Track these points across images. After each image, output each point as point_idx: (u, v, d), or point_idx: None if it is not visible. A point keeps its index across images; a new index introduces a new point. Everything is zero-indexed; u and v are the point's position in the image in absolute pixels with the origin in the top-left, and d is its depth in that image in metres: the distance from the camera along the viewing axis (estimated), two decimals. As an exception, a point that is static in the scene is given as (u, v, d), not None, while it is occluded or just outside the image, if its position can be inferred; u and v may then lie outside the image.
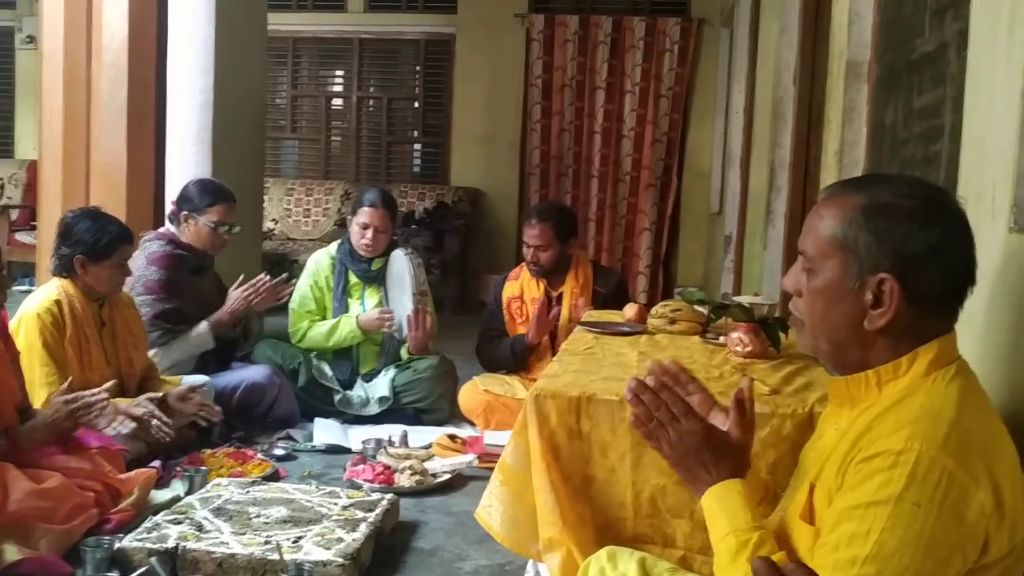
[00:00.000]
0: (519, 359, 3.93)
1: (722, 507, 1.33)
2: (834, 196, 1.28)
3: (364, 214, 4.04)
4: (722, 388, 2.18)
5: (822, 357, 1.34)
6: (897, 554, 1.08)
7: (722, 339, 2.71)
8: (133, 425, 2.99)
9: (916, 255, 1.19)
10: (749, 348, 2.53)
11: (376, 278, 4.12)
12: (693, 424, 1.38)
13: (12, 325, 2.95)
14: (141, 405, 3.07)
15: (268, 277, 3.91)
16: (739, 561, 1.26)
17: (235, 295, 3.84)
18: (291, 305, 4.13)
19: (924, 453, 1.11)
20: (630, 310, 3.17)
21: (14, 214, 7.24)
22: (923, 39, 2.34)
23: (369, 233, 4.03)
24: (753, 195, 5.33)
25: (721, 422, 1.45)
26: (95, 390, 2.73)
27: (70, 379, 2.77)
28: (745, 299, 2.84)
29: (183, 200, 3.84)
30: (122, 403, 3.07)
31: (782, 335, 2.58)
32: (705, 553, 2.01)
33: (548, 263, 3.91)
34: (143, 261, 3.62)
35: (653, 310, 3.03)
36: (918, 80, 2.36)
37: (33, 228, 6.60)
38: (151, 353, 3.56)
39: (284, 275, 4.07)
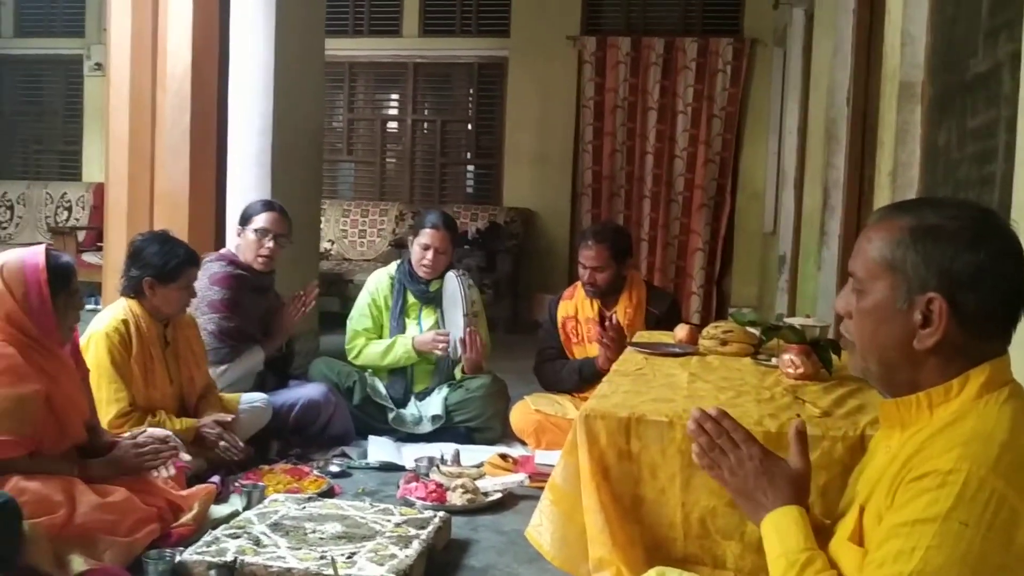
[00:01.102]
0: (587, 383, 3.82)
1: (776, 530, 1.34)
2: (883, 219, 1.30)
3: (426, 235, 4.11)
4: (773, 410, 2.19)
5: (872, 379, 1.34)
6: (942, 572, 1.08)
7: (774, 361, 2.70)
8: (188, 459, 3.07)
9: (963, 275, 1.19)
10: (801, 370, 2.52)
11: (434, 299, 4.18)
12: (753, 450, 1.40)
13: (82, 343, 3.05)
14: (209, 427, 3.19)
15: (310, 285, 4.01)
16: (788, 580, 1.27)
17: (286, 316, 3.96)
18: (349, 322, 4.21)
19: (974, 473, 1.11)
20: (681, 331, 3.17)
21: (81, 235, 7.46)
22: (976, 60, 2.33)
23: (429, 254, 4.09)
24: (807, 215, 5.30)
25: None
26: (165, 435, 2.83)
27: (145, 429, 2.89)
28: (797, 321, 2.83)
29: (241, 217, 3.96)
30: (185, 422, 3.19)
31: (834, 357, 2.57)
32: (756, 575, 2.01)
33: (604, 284, 3.91)
34: (205, 281, 3.72)
35: (704, 331, 3.03)
36: (971, 101, 2.35)
37: (99, 249, 6.80)
38: (218, 372, 3.66)
39: (313, 283, 4.16)
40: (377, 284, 4.23)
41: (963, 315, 1.20)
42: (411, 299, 4.20)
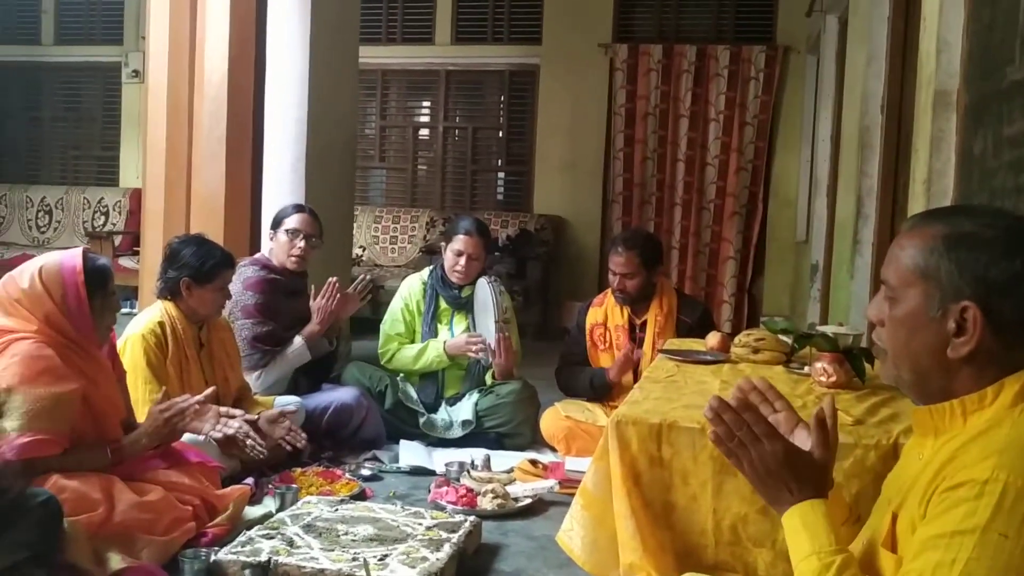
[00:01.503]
0: (597, 393, 3.95)
1: (805, 526, 1.32)
2: (916, 226, 1.29)
3: (459, 241, 4.14)
4: (805, 417, 2.18)
5: (905, 387, 1.34)
6: None
7: (806, 369, 2.70)
8: (228, 431, 3.12)
9: (998, 283, 1.19)
10: (833, 378, 2.52)
11: (465, 305, 4.21)
12: (775, 445, 1.38)
13: (119, 345, 3.10)
14: (236, 421, 3.21)
15: (336, 280, 4.05)
16: (822, 581, 1.27)
17: (316, 306, 3.98)
18: (382, 327, 4.25)
19: (1011, 484, 1.10)
20: (712, 339, 3.17)
21: (118, 240, 7.57)
22: (1013, 67, 2.31)
23: (462, 260, 4.12)
24: (840, 224, 5.27)
25: (804, 440, 1.45)
26: (187, 396, 2.87)
27: (163, 388, 2.91)
28: (830, 329, 2.82)
29: (272, 222, 4.02)
30: (221, 409, 3.23)
31: (867, 366, 2.56)
32: (787, 583, 2.00)
33: (634, 291, 3.91)
34: (240, 286, 3.77)
35: (736, 339, 3.03)
36: (1008, 109, 2.34)
37: (135, 253, 6.91)
38: (254, 376, 3.71)
39: (362, 276, 4.21)
40: (410, 289, 4.27)
41: (998, 323, 1.20)
42: (443, 305, 4.23)
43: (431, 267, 4.32)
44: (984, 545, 1.08)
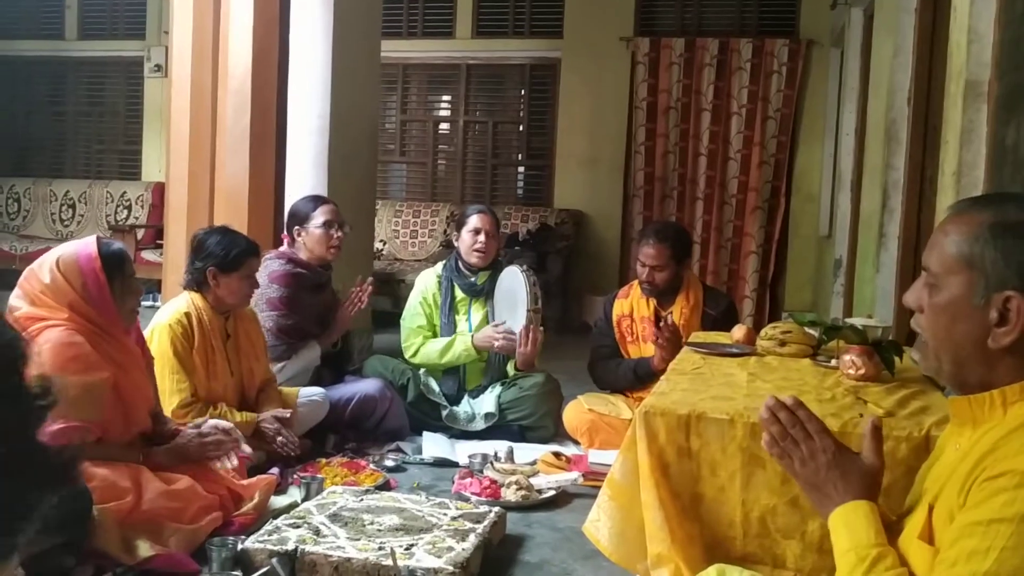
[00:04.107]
0: (642, 383, 3.84)
1: (846, 524, 1.33)
2: (961, 213, 1.28)
3: (474, 220, 4.17)
4: (834, 410, 2.17)
5: (943, 376, 1.32)
6: (1018, 573, 1.07)
7: (834, 362, 2.68)
8: (250, 451, 3.12)
9: None
10: (862, 371, 2.49)
11: (481, 292, 4.22)
12: (825, 441, 1.39)
13: (146, 335, 3.12)
14: (268, 422, 3.24)
15: (365, 282, 4.08)
16: (856, 575, 1.26)
17: (342, 314, 4.02)
18: (403, 321, 4.26)
19: None
20: (738, 331, 3.15)
21: (140, 233, 7.62)
22: (1048, 57, 2.28)
23: (481, 237, 4.14)
24: (864, 218, 5.23)
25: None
26: (228, 427, 2.89)
27: (205, 420, 2.95)
28: (858, 321, 2.80)
29: (292, 218, 4.03)
30: (246, 416, 3.25)
31: (896, 359, 2.54)
32: (816, 575, 1.99)
33: (662, 283, 3.89)
34: (265, 279, 3.78)
35: (763, 331, 3.01)
36: (1042, 99, 2.31)
37: (158, 247, 6.95)
38: (276, 368, 3.73)
39: (360, 278, 4.21)
40: (426, 283, 4.28)
41: None
42: (459, 295, 4.23)
43: (444, 261, 4.33)
44: (1021, 534, 1.08)
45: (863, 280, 5.11)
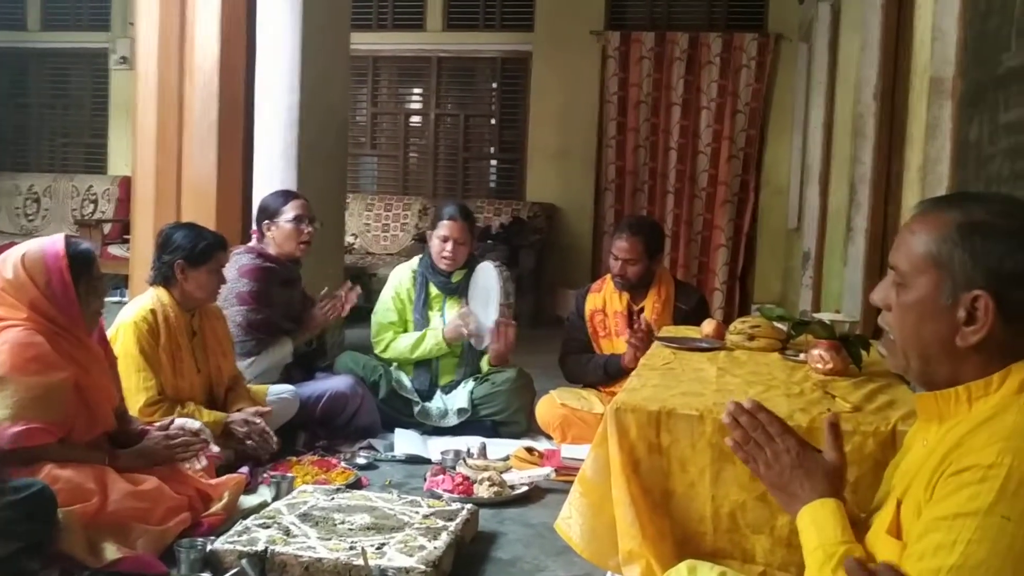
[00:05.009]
0: (612, 379, 3.87)
1: (813, 522, 1.34)
2: (927, 212, 1.28)
3: (444, 227, 4.13)
4: (803, 405, 2.18)
5: (911, 375, 1.33)
6: (983, 566, 1.08)
7: (802, 356, 2.70)
8: (218, 450, 3.09)
9: (1012, 274, 1.19)
10: (830, 365, 2.51)
11: (456, 290, 4.20)
12: (789, 442, 1.40)
13: (110, 333, 3.08)
14: (238, 424, 3.22)
15: (350, 285, 4.04)
16: (824, 573, 1.27)
17: (317, 313, 3.97)
18: (374, 316, 4.23)
19: (1016, 468, 1.10)
20: (708, 326, 3.17)
21: (107, 228, 7.53)
22: (1009, 54, 2.31)
23: (449, 246, 4.11)
24: (832, 212, 5.27)
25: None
26: (196, 427, 2.86)
27: (171, 419, 2.91)
28: (826, 316, 2.82)
29: (261, 213, 4.00)
30: (214, 415, 3.21)
31: (864, 353, 2.56)
32: (785, 570, 2.01)
33: (635, 277, 3.91)
34: (234, 273, 3.74)
35: (732, 326, 3.02)
36: (1004, 95, 2.33)
37: (125, 242, 6.87)
38: (245, 364, 3.69)
39: (347, 283, 4.18)
40: (400, 279, 4.25)
41: (1008, 313, 1.20)
42: (434, 291, 4.21)
43: (420, 256, 4.30)
44: (986, 528, 1.09)
45: (831, 273, 5.16)
